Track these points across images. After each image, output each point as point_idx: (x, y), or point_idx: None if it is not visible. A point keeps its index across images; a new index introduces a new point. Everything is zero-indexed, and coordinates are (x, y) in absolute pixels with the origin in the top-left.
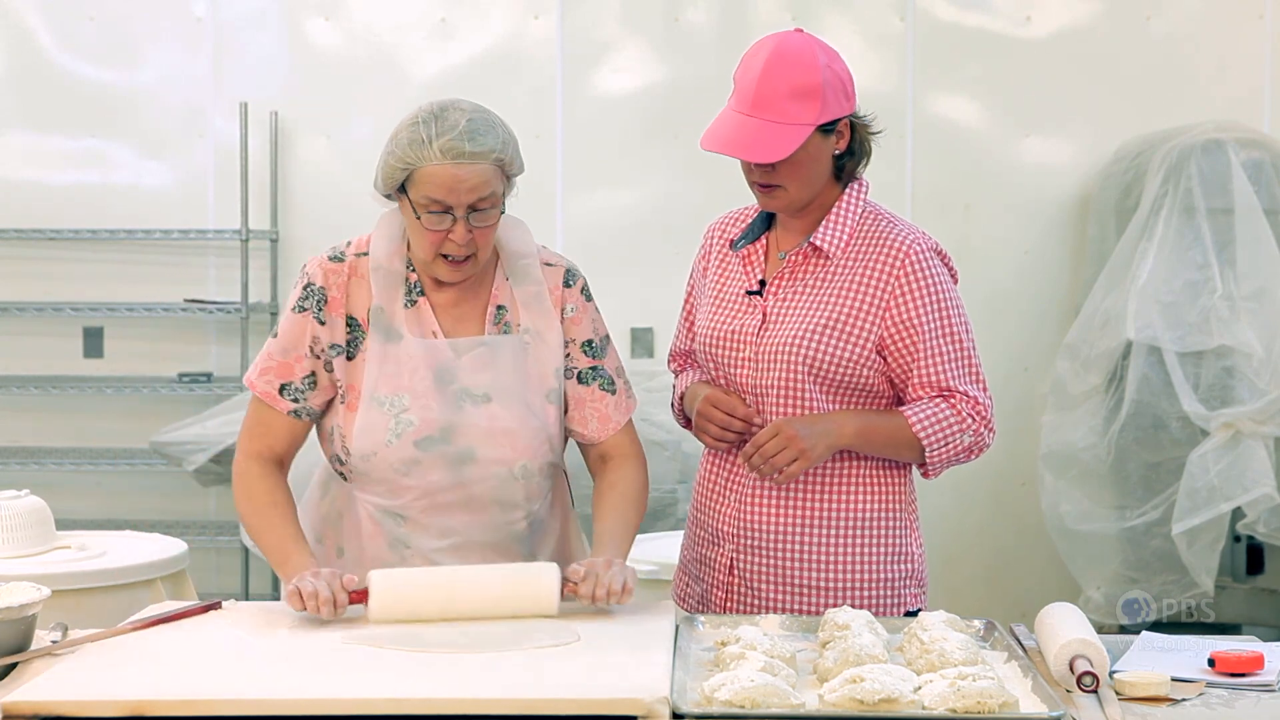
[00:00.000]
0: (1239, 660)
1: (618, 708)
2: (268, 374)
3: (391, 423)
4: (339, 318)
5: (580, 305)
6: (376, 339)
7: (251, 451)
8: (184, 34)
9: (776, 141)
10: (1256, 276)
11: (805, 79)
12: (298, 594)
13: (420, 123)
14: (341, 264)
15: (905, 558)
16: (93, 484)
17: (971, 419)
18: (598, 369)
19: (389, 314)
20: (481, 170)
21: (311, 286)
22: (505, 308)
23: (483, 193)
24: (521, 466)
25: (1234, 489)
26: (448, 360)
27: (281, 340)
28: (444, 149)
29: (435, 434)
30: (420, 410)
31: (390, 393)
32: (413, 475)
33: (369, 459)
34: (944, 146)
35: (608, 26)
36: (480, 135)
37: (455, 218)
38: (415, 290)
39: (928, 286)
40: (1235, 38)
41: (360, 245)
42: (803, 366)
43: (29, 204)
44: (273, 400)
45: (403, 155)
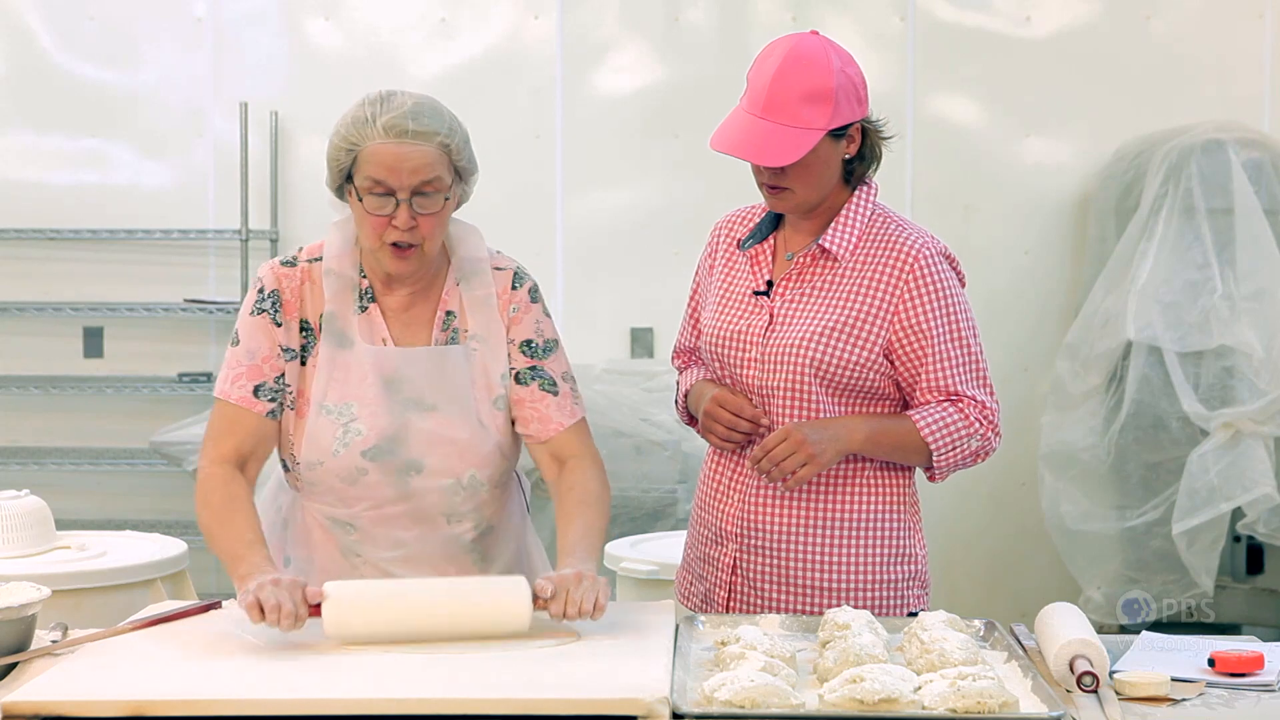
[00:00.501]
0: (1239, 660)
1: (618, 708)
2: (239, 380)
3: (340, 431)
4: (293, 321)
5: (524, 306)
6: (328, 344)
7: (216, 456)
8: (184, 34)
9: (787, 145)
10: (1256, 276)
11: (818, 83)
12: (258, 606)
13: (366, 103)
14: (294, 269)
15: (909, 559)
16: (93, 484)
17: (979, 423)
18: (537, 369)
19: (341, 319)
20: (425, 151)
21: (264, 290)
22: (454, 313)
23: (426, 175)
24: (470, 476)
25: (1234, 489)
26: (396, 368)
27: (246, 344)
28: (387, 126)
29: (382, 443)
30: (368, 419)
31: (339, 401)
32: (359, 485)
33: (315, 468)
34: (944, 146)
35: (608, 26)
36: (425, 117)
37: (398, 201)
38: (367, 296)
39: (936, 291)
40: (1235, 38)
41: (312, 251)
42: (809, 369)
43: (29, 204)
44: (249, 404)
45: (346, 134)
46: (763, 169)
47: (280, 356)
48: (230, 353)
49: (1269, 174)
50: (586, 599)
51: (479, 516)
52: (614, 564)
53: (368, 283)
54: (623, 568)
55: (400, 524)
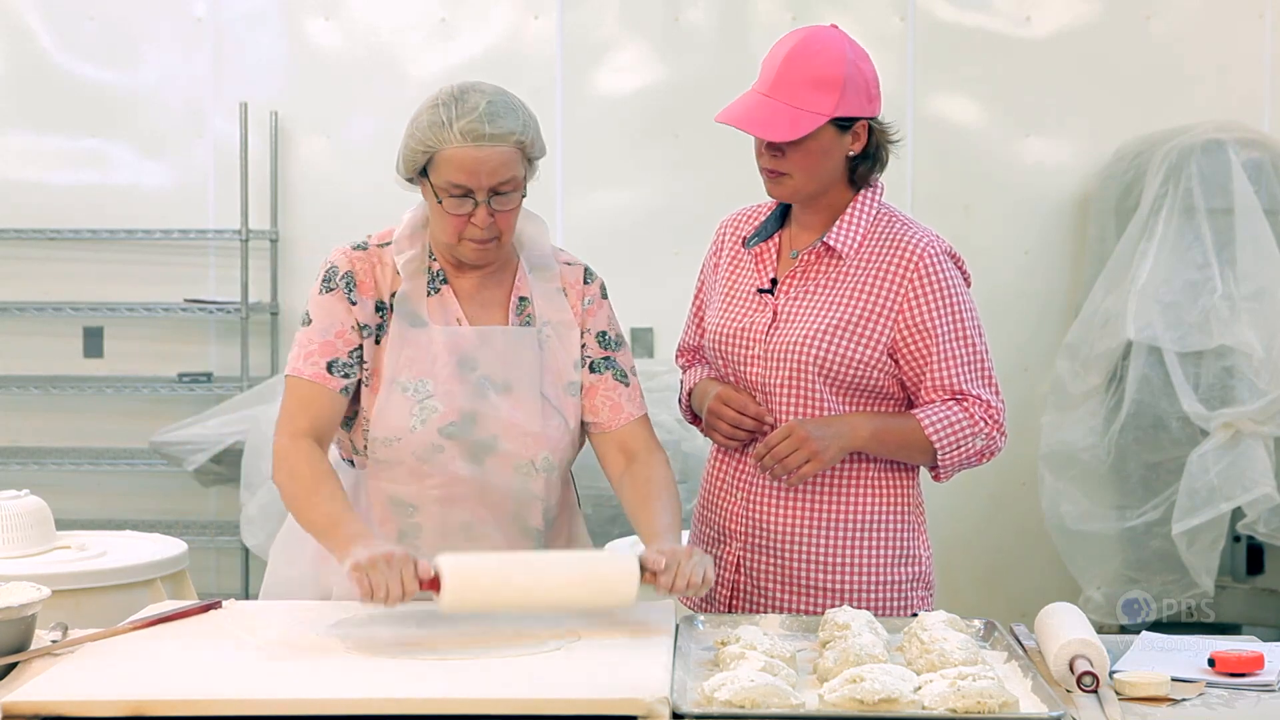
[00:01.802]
0: (1239, 660)
1: (618, 708)
2: (311, 357)
3: (416, 408)
4: (369, 299)
5: (597, 300)
6: (400, 323)
7: (294, 430)
8: (184, 34)
9: (788, 123)
10: (1256, 276)
11: (827, 69)
12: (367, 581)
13: (440, 105)
14: (365, 251)
15: (913, 560)
16: (93, 484)
17: (984, 422)
18: (610, 360)
19: (413, 300)
20: (502, 153)
21: (336, 270)
22: (528, 299)
23: (503, 175)
24: (544, 458)
25: (1234, 489)
26: (470, 347)
27: (319, 323)
28: (464, 131)
29: (459, 420)
30: (444, 396)
31: (413, 377)
32: (434, 463)
33: (391, 444)
34: (944, 146)
35: (608, 26)
36: (500, 117)
37: (477, 201)
38: (439, 278)
39: (941, 289)
40: (1235, 38)
41: (382, 237)
42: (813, 366)
43: (29, 204)
44: (323, 380)
45: (423, 138)
46: (764, 151)
47: (356, 331)
48: (302, 333)
49: (1269, 174)
50: (696, 571)
51: (545, 504)
52: None
53: (438, 266)
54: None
55: (467, 505)
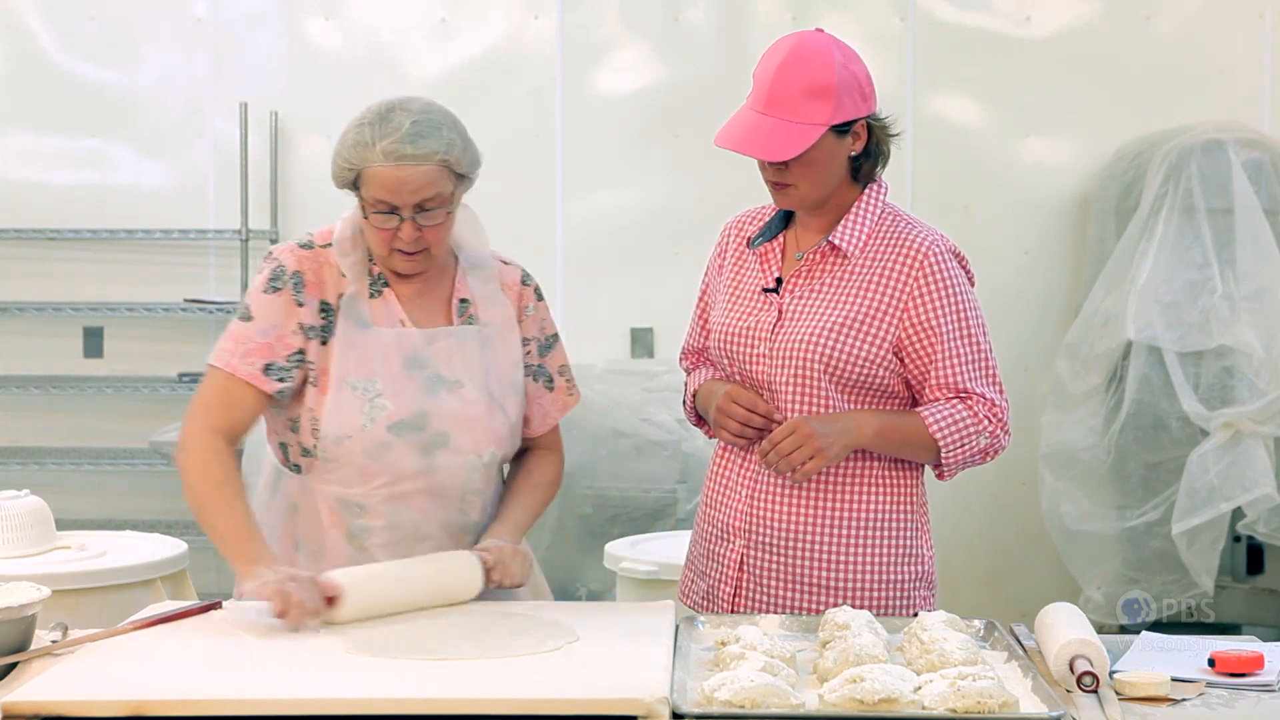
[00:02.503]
0: (1239, 660)
1: (618, 708)
2: (249, 357)
3: (366, 406)
4: (315, 299)
5: (535, 304)
6: (346, 325)
7: (211, 424)
8: (184, 34)
9: (788, 140)
10: (1256, 276)
11: (819, 78)
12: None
13: (365, 125)
14: (311, 251)
15: (916, 559)
16: (93, 484)
17: (988, 421)
18: (541, 367)
19: (358, 303)
20: (425, 172)
21: (284, 270)
22: (469, 301)
23: (427, 194)
24: (491, 453)
25: (1234, 489)
26: (417, 347)
27: (260, 322)
28: (386, 152)
29: (409, 418)
30: (393, 395)
31: (363, 377)
32: (383, 460)
33: (341, 443)
34: (944, 146)
35: (608, 26)
36: (424, 137)
37: (402, 218)
38: (380, 282)
39: (946, 288)
40: (1235, 38)
41: (324, 236)
42: (818, 365)
43: (29, 204)
44: (257, 381)
45: (348, 156)
46: (767, 166)
47: (299, 334)
48: (239, 326)
49: (1269, 174)
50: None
51: (484, 497)
52: (614, 564)
53: (378, 269)
54: (623, 568)
55: (415, 502)
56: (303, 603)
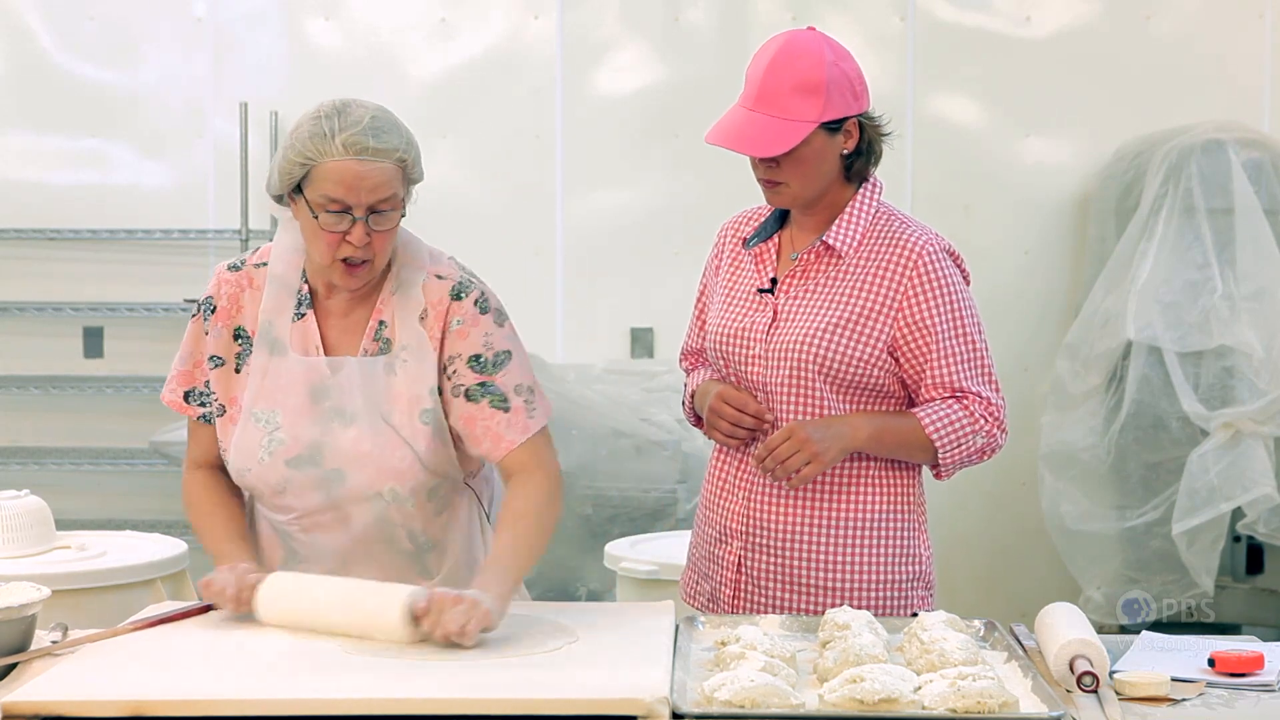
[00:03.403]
0: (1239, 660)
1: (618, 708)
2: (173, 383)
3: (265, 439)
4: (224, 329)
5: (470, 318)
6: (261, 352)
7: (191, 461)
8: (184, 34)
9: (777, 136)
10: (1256, 276)
11: (809, 75)
12: (208, 585)
13: (323, 117)
14: (238, 273)
15: (914, 559)
16: (93, 484)
17: (984, 420)
18: (487, 385)
19: (276, 327)
20: (384, 169)
21: (205, 295)
22: (386, 323)
23: (384, 193)
24: (390, 490)
25: (1234, 489)
26: (323, 378)
27: (182, 349)
28: (347, 143)
29: (304, 453)
30: (290, 428)
31: (267, 408)
32: (288, 495)
33: (244, 475)
34: (944, 146)
35: (608, 26)
36: (385, 132)
37: (354, 218)
38: (305, 303)
39: (940, 287)
40: (1235, 38)
41: (262, 254)
42: (813, 365)
43: (29, 204)
44: (181, 408)
45: (303, 149)
46: (758, 163)
47: (208, 363)
48: (177, 355)
49: (1269, 174)
50: (455, 621)
51: (409, 529)
52: (614, 564)
53: (308, 288)
54: (623, 568)
55: (332, 530)
56: (223, 590)
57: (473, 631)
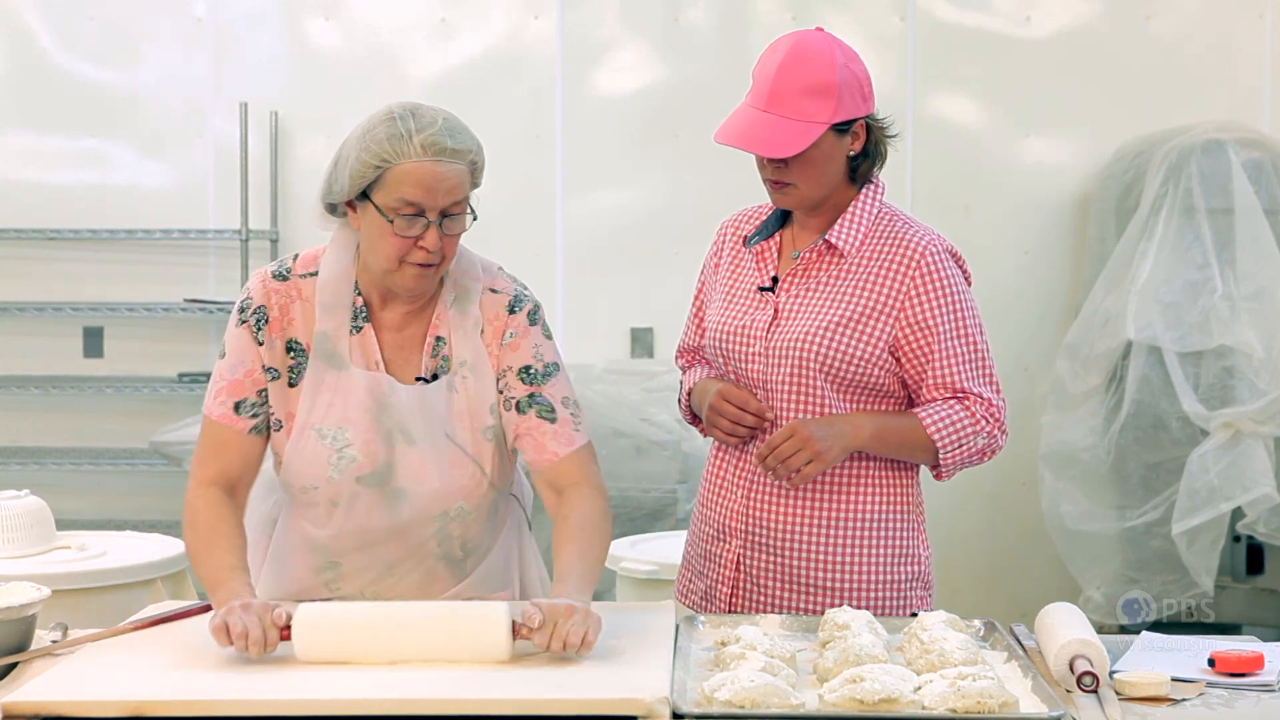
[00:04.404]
0: (1239, 660)
1: (618, 708)
2: (220, 395)
3: (334, 457)
4: (279, 340)
5: (522, 331)
6: (317, 365)
7: (203, 478)
8: (184, 34)
9: (789, 137)
10: (1256, 276)
11: (821, 77)
12: (225, 630)
13: (398, 118)
14: (285, 283)
15: (912, 559)
16: (93, 484)
17: (985, 421)
18: (535, 396)
19: (334, 340)
20: (459, 171)
21: (250, 303)
22: (444, 339)
23: (458, 195)
24: (457, 508)
25: (1234, 489)
26: (386, 395)
27: (230, 358)
28: (425, 144)
29: (375, 471)
30: (362, 445)
31: (333, 424)
32: (350, 509)
33: (309, 491)
34: (944, 146)
35: (608, 26)
36: (459, 134)
37: (428, 221)
38: (362, 316)
39: (942, 288)
40: (1235, 38)
41: (307, 263)
42: (814, 363)
43: (29, 204)
44: (229, 421)
45: (379, 151)
46: (766, 164)
47: (263, 372)
48: (217, 365)
49: (1269, 174)
50: (574, 633)
51: (463, 539)
52: (614, 564)
53: (363, 300)
54: (623, 568)
55: (385, 546)
56: (246, 631)
57: (593, 641)
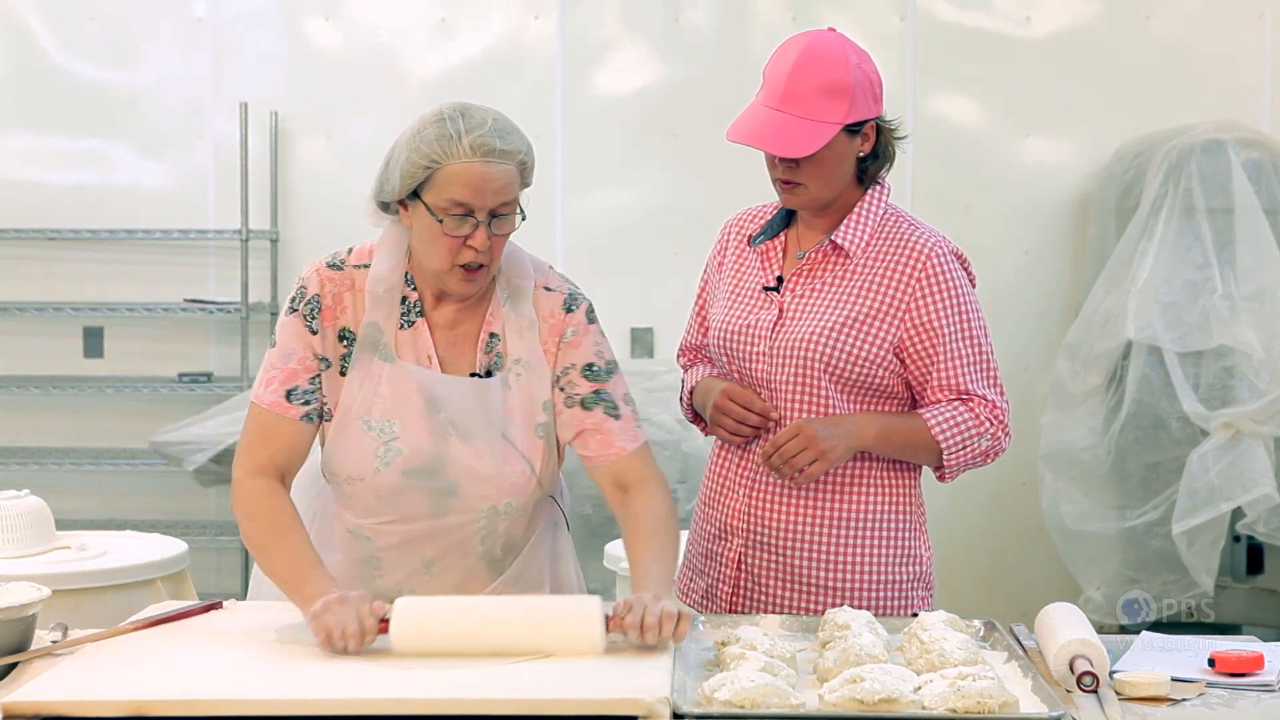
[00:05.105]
0: (1239, 660)
1: (618, 708)
2: (272, 384)
3: (381, 449)
4: (331, 329)
5: (581, 329)
6: (365, 356)
7: (253, 467)
8: (184, 34)
9: (803, 137)
10: (1256, 276)
11: (836, 77)
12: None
13: (447, 119)
14: (340, 273)
15: (914, 560)
16: (93, 484)
17: (989, 423)
18: (600, 393)
19: (385, 332)
20: (508, 172)
21: (305, 292)
22: (498, 336)
23: (506, 196)
24: (506, 504)
25: (1234, 489)
26: (438, 389)
27: (282, 347)
28: (474, 145)
29: (424, 465)
30: (410, 439)
31: (381, 416)
32: (394, 503)
33: (354, 483)
34: (944, 146)
35: (608, 26)
36: (509, 134)
37: (477, 221)
38: (414, 310)
39: (947, 290)
40: (1235, 38)
41: (361, 256)
42: (819, 364)
43: (29, 204)
44: (281, 409)
45: (429, 151)
46: (778, 164)
47: (316, 360)
48: (268, 355)
49: (1269, 174)
50: (667, 623)
51: (509, 538)
52: (614, 564)
53: (416, 295)
54: (623, 568)
55: (429, 541)
56: (344, 631)
57: (685, 632)
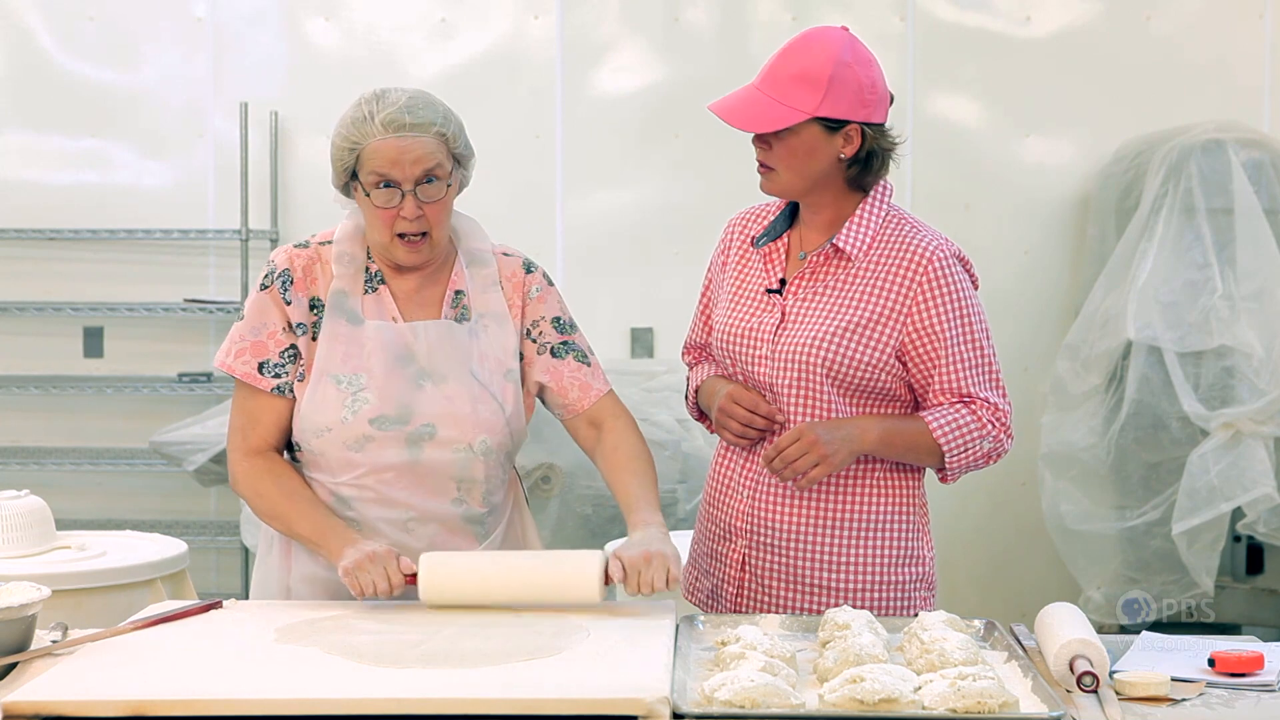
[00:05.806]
0: (1239, 660)
1: (618, 708)
2: (243, 355)
3: (348, 400)
4: (304, 297)
5: (544, 287)
6: (334, 319)
7: (248, 449)
8: (184, 34)
9: (766, 115)
10: (1256, 276)
11: (813, 67)
12: (357, 581)
13: (362, 103)
14: (306, 249)
15: (916, 561)
16: (93, 484)
17: (991, 425)
18: (569, 343)
19: (350, 296)
20: (424, 143)
21: (275, 268)
22: (464, 292)
23: (428, 164)
24: (481, 441)
25: (1234, 489)
26: (407, 343)
27: (251, 320)
28: (386, 122)
29: (392, 413)
30: (376, 390)
31: (349, 372)
32: (365, 452)
33: (322, 435)
34: (944, 146)
35: (608, 26)
36: (420, 109)
37: (404, 192)
38: (376, 278)
39: (950, 293)
40: (1235, 38)
41: (325, 236)
42: (821, 368)
43: (29, 204)
44: (253, 380)
45: (347, 134)
46: (753, 143)
47: (288, 331)
48: (235, 327)
49: (1269, 174)
50: (658, 578)
51: (486, 488)
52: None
53: (376, 266)
54: None
55: (401, 493)
56: (375, 584)
57: (678, 576)
